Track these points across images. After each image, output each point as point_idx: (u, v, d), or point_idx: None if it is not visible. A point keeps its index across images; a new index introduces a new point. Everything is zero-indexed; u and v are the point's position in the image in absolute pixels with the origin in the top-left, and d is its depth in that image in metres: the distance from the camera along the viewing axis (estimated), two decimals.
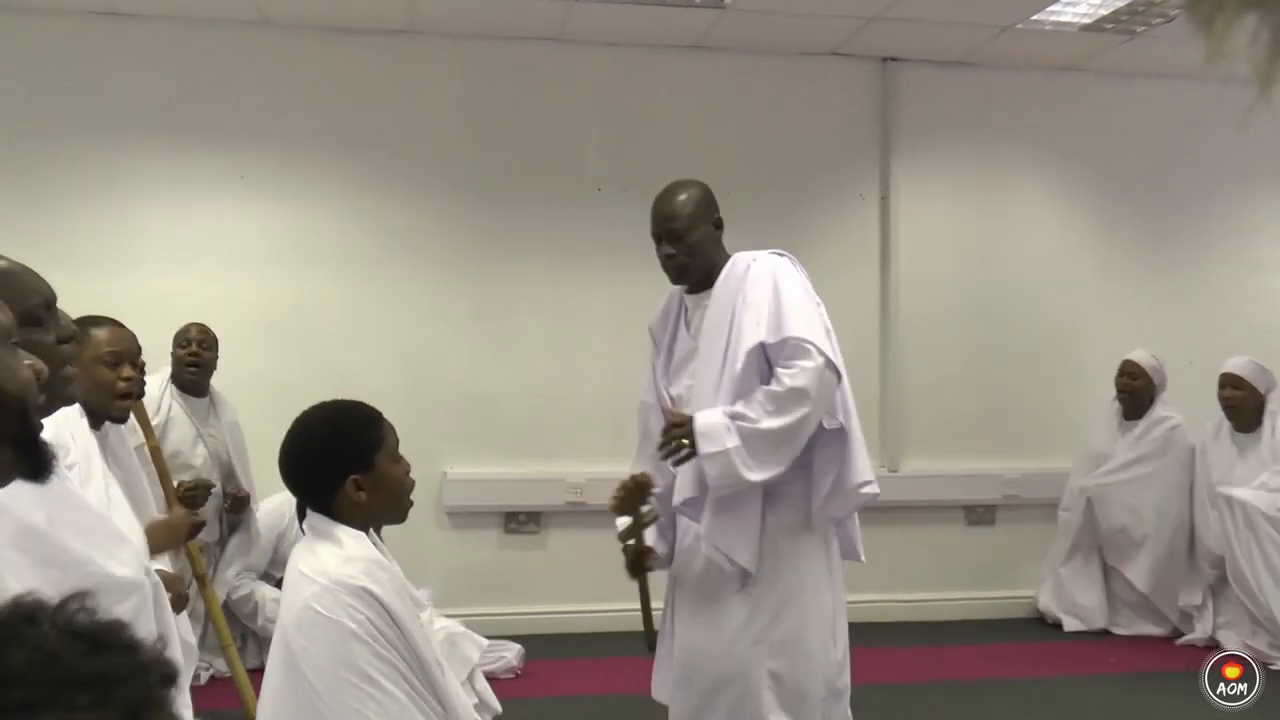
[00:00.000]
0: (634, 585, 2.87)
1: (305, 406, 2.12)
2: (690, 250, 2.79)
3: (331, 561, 1.96)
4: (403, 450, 2.17)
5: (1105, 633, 4.92)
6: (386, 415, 2.16)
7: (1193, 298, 5.54)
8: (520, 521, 4.95)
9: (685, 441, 2.63)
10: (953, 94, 5.37)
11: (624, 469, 4.79)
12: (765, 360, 2.68)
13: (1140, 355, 4.98)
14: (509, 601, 4.84)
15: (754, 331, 2.68)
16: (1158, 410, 4.93)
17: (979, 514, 5.36)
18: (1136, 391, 4.95)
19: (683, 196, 2.82)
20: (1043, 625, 5.08)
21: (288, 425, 2.10)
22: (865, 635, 3.82)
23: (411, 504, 2.17)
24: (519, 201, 4.99)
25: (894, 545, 5.15)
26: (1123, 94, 5.51)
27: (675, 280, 2.85)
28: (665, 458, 2.68)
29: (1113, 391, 5.04)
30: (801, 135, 5.23)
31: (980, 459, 5.30)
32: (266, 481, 4.01)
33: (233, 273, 4.76)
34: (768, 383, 2.65)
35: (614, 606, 4.86)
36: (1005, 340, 5.38)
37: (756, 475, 2.63)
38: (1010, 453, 5.33)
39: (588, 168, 5.04)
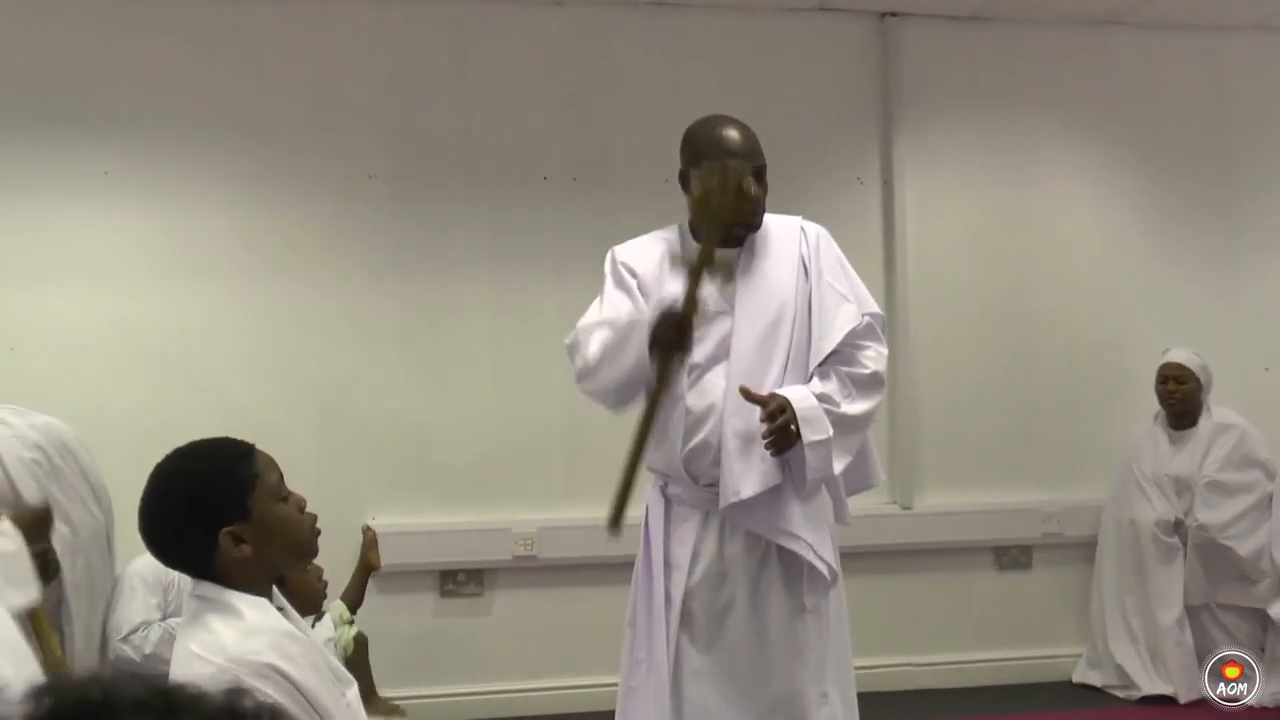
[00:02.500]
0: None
1: None
2: (764, 196, 3.02)
3: (229, 636, 1.94)
4: (316, 498, 2.17)
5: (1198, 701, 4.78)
6: (293, 457, 2.16)
7: (1264, 290, 5.63)
8: (459, 581, 4.94)
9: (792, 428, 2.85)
10: (966, 55, 5.43)
11: (583, 515, 4.85)
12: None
13: (1181, 355, 5.09)
14: (447, 679, 4.83)
15: (848, 309, 3.01)
16: (1215, 415, 5.01)
17: (1012, 556, 5.40)
18: (1188, 396, 5.05)
19: (751, 133, 3.02)
20: (1094, 691, 5.11)
21: None
22: (878, 708, 3.83)
23: (318, 534, 2.18)
24: (451, 196, 5.00)
25: (910, 597, 5.18)
26: (1172, 50, 5.61)
27: (741, 230, 2.99)
28: (776, 449, 2.85)
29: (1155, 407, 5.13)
30: (784, 108, 5.25)
31: (1011, 490, 5.35)
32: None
33: (98, 290, 4.73)
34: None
35: (575, 682, 4.87)
36: (1036, 348, 5.43)
37: (839, 465, 2.96)
38: (1047, 482, 5.38)
39: (532, 153, 5.07)
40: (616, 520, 2.82)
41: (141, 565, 3.85)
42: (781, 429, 2.83)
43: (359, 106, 4.97)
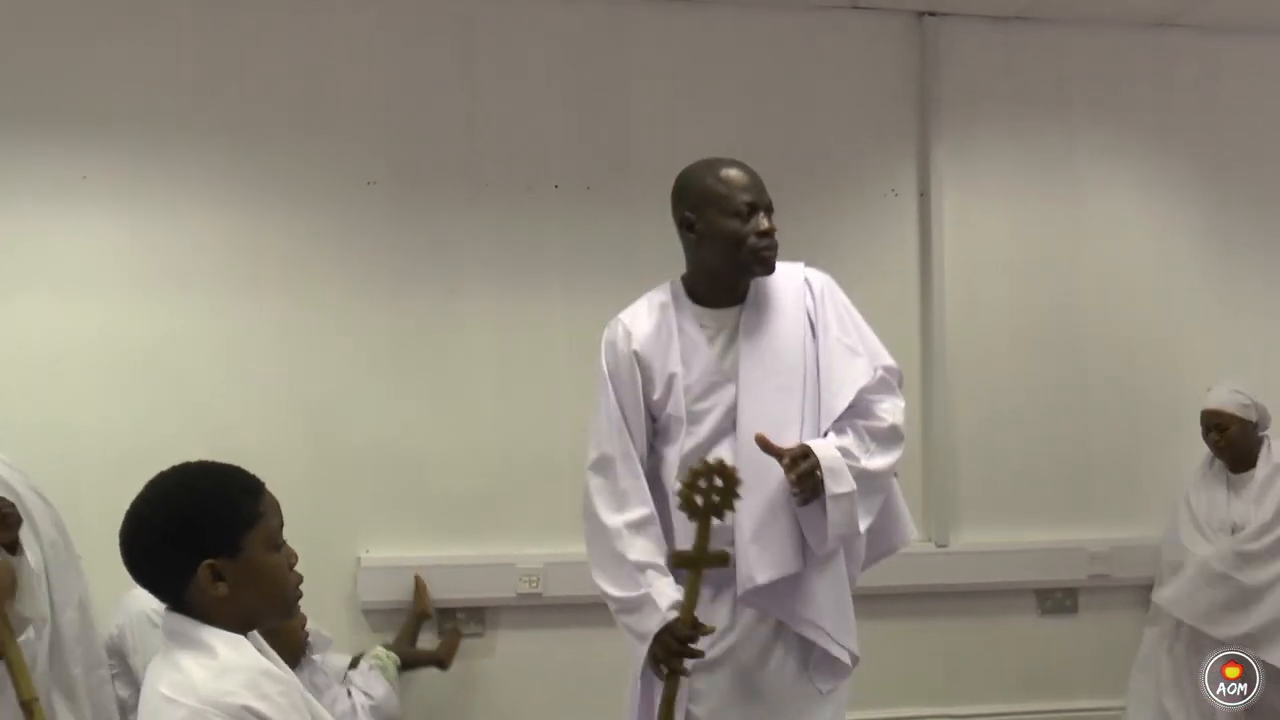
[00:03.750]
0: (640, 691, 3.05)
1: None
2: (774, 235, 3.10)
3: (200, 676, 1.94)
4: (305, 529, 2.20)
5: None
6: (281, 483, 2.18)
7: None
8: (459, 620, 4.95)
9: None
10: (1010, 59, 5.46)
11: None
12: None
13: (1221, 398, 4.98)
14: None
15: (860, 365, 3.08)
16: (1275, 454, 4.98)
17: (1057, 599, 5.40)
18: (1235, 442, 4.99)
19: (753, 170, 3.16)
20: None
21: None
22: None
23: (300, 595, 2.19)
24: (454, 204, 5.03)
25: (945, 642, 5.18)
26: (1236, 55, 5.63)
27: (759, 269, 3.08)
28: (802, 499, 2.90)
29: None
30: (814, 114, 5.29)
31: (1056, 528, 5.35)
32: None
33: (73, 301, 4.75)
34: None
35: None
36: (1083, 374, 5.44)
37: (864, 524, 3.00)
38: (1094, 519, 5.39)
39: (542, 159, 5.09)
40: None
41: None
42: (808, 474, 2.86)
43: (356, 107, 5.00)
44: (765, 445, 2.89)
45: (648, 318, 3.15)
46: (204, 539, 2.02)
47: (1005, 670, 5.29)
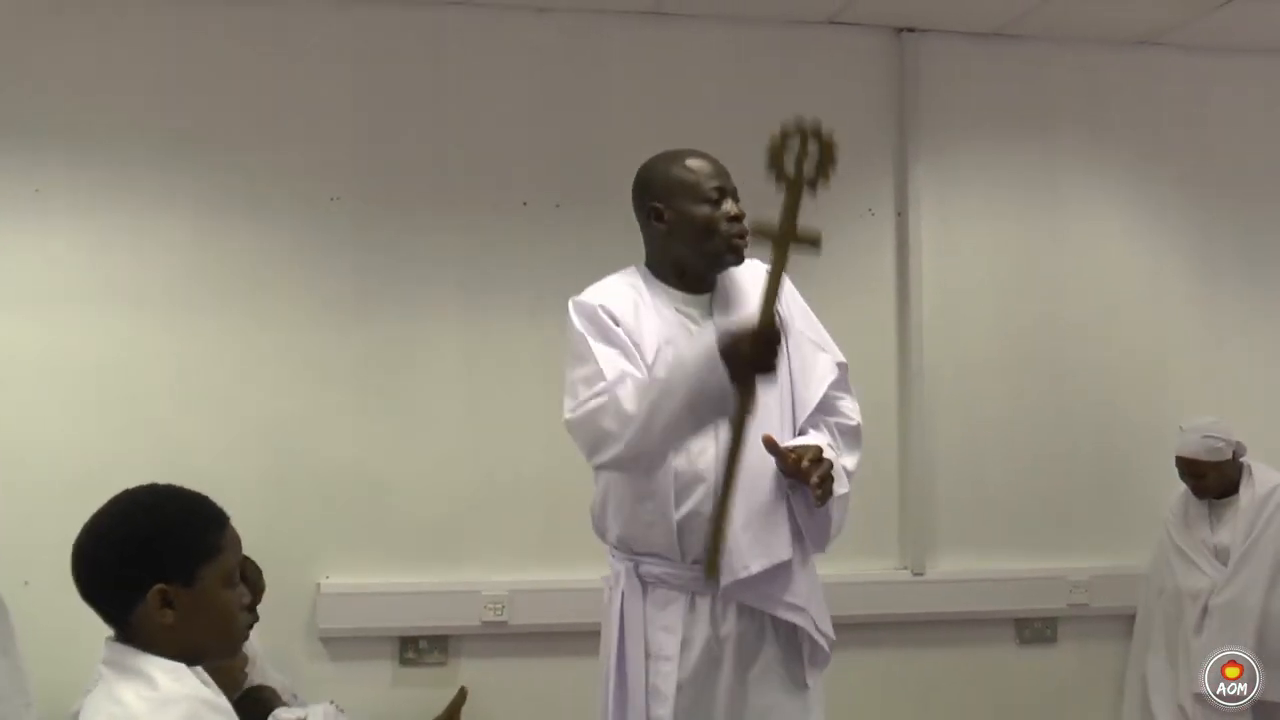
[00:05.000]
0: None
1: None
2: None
3: (140, 709, 1.94)
4: (262, 554, 2.22)
5: None
6: (238, 507, 2.19)
7: None
8: (421, 649, 4.96)
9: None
10: (991, 75, 5.50)
11: (560, 577, 4.86)
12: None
13: (1192, 447, 5.04)
14: None
15: (825, 359, 3.18)
16: (1257, 481, 5.04)
17: (1036, 629, 5.43)
18: (1212, 487, 5.06)
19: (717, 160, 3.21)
20: None
21: None
22: None
23: (246, 637, 2.20)
24: (421, 222, 5.04)
25: (921, 673, 5.20)
26: (1220, 73, 5.69)
27: (731, 257, 3.12)
28: (822, 499, 2.93)
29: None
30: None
31: (1035, 555, 5.39)
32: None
33: (25, 318, 4.75)
34: None
35: None
36: (1065, 398, 5.48)
37: (843, 522, 3.13)
38: (1076, 547, 5.43)
39: (512, 176, 5.12)
40: (714, 564, 2.89)
41: None
42: (828, 475, 2.93)
43: (321, 121, 5.01)
44: (772, 447, 2.92)
45: (619, 293, 3.16)
46: (160, 562, 2.02)
47: (982, 702, 5.31)
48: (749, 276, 3.17)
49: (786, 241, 2.77)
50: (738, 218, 3.12)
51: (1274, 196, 5.72)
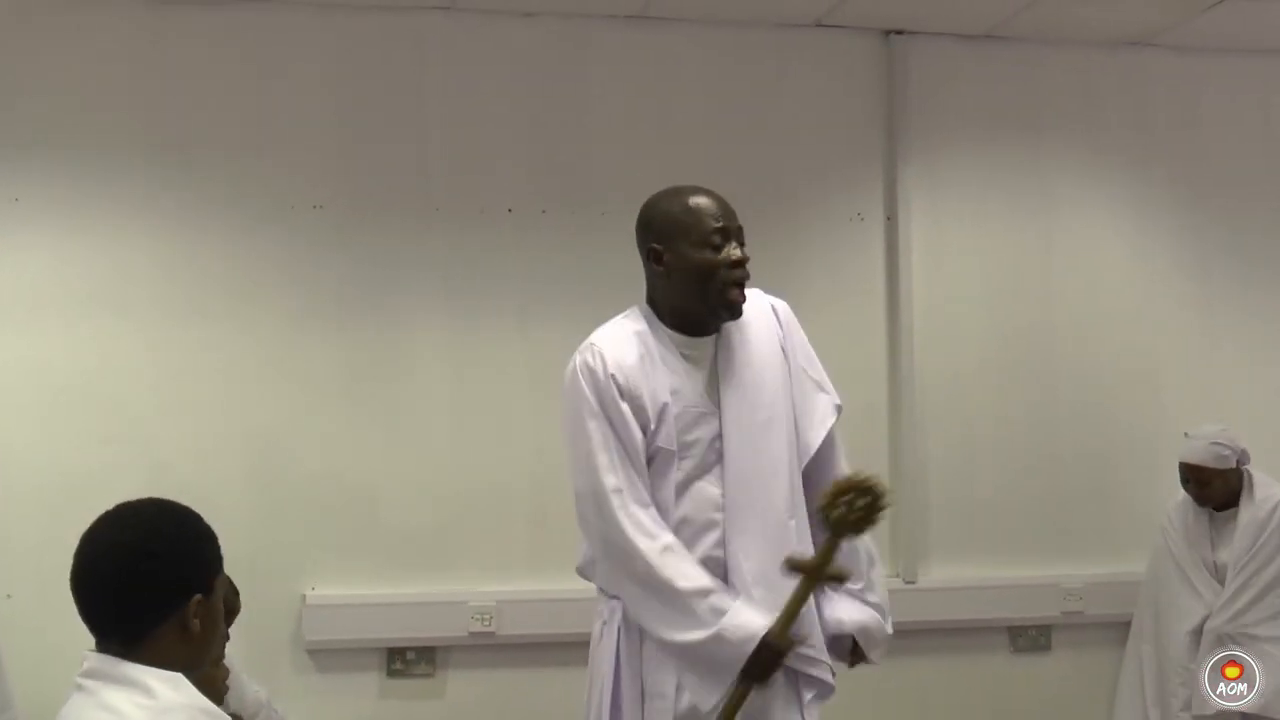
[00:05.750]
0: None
1: (108, 506, 2.14)
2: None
3: (138, 715, 1.93)
4: (247, 566, 2.26)
5: None
6: (222, 519, 2.21)
7: None
8: (408, 660, 4.96)
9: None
10: (981, 78, 5.53)
11: (548, 587, 4.87)
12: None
13: (1199, 454, 5.04)
14: None
15: (824, 401, 3.20)
16: (1258, 492, 5.05)
17: (1030, 637, 5.45)
18: (1215, 495, 5.07)
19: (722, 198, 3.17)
20: None
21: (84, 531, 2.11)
22: None
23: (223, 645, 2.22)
24: (405, 229, 5.05)
25: (914, 682, 5.20)
26: (1215, 75, 5.73)
27: (725, 313, 3.09)
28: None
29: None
30: (777, 135, 5.35)
31: (1029, 563, 5.40)
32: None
33: (6, 328, 4.75)
34: None
35: None
36: (1058, 405, 5.49)
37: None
38: (1069, 555, 5.44)
39: (496, 183, 5.12)
40: None
41: None
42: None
43: (304, 128, 5.02)
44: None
45: (627, 344, 3.11)
46: (200, 572, 2.08)
47: (976, 711, 5.32)
48: (753, 311, 3.16)
49: (817, 579, 2.97)
50: (739, 263, 3.07)
51: (1266, 198, 5.75)
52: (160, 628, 2.02)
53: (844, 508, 2.87)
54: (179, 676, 2.01)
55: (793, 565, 2.94)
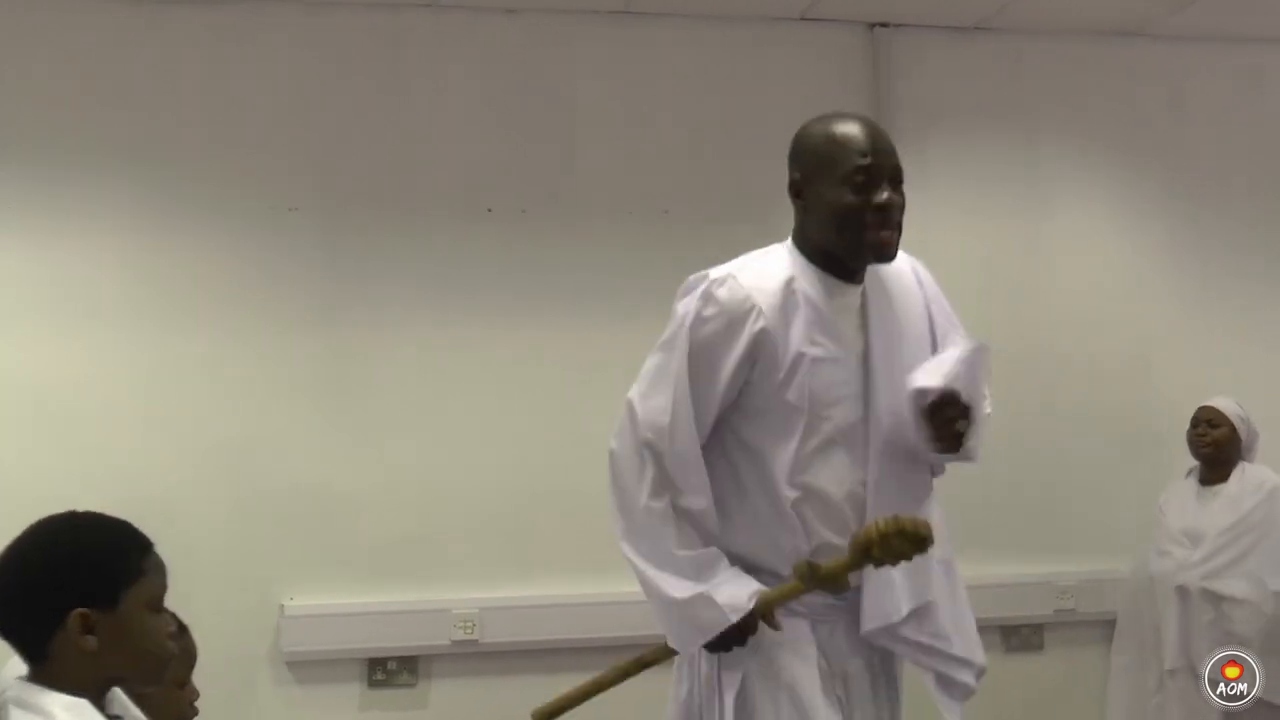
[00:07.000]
0: None
1: None
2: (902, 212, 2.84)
3: None
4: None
5: None
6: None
7: None
8: (390, 670, 4.97)
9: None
10: (969, 71, 5.57)
11: (532, 593, 4.88)
12: None
13: (1220, 401, 5.19)
14: None
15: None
16: (1251, 473, 5.13)
17: (1022, 636, 5.49)
18: (1220, 444, 5.15)
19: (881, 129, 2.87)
20: None
21: None
22: None
23: (178, 664, 2.24)
24: (382, 231, 5.06)
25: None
26: (1207, 66, 5.78)
27: (879, 248, 2.79)
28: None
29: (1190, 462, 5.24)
30: (762, 129, 5.31)
31: (1020, 561, 5.43)
32: None
33: None
34: None
35: None
36: (1050, 401, 5.51)
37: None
38: (1061, 552, 5.48)
39: (475, 182, 5.14)
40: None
41: None
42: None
43: (278, 128, 5.03)
44: (923, 396, 2.76)
45: (772, 283, 2.79)
46: (81, 586, 2.04)
47: (969, 710, 5.26)
48: (900, 268, 2.94)
49: (817, 586, 2.73)
50: (884, 207, 2.75)
51: (1256, 187, 5.80)
52: (51, 645, 2.04)
53: (880, 544, 2.62)
54: (83, 703, 2.01)
55: (800, 572, 2.72)
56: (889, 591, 2.80)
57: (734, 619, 2.70)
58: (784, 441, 2.77)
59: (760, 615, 2.72)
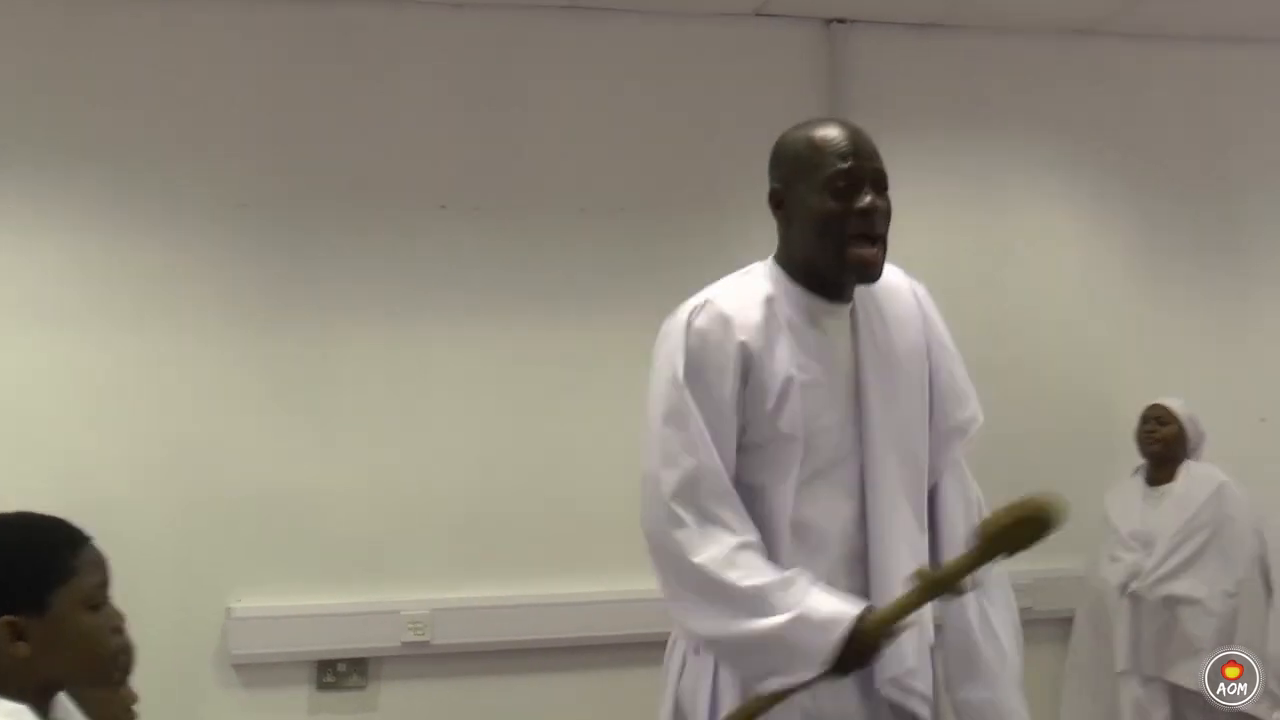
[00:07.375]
0: None
1: None
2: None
3: None
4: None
5: None
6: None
7: (1269, 334, 5.81)
8: (339, 673, 4.95)
9: None
10: (927, 68, 5.59)
11: (483, 594, 4.88)
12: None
13: (1170, 400, 5.27)
14: None
15: (964, 413, 2.91)
16: (1197, 470, 5.20)
17: None
18: (1168, 441, 5.22)
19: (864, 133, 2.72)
20: None
21: None
22: None
23: (127, 662, 2.20)
24: (335, 228, 5.05)
25: None
26: (1163, 64, 5.82)
27: (861, 268, 2.65)
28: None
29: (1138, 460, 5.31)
30: (717, 127, 5.37)
31: None
32: None
33: None
34: None
35: None
36: (1008, 400, 5.47)
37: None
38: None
39: (428, 178, 5.13)
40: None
41: None
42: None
43: (227, 123, 5.00)
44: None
45: (751, 303, 2.66)
46: (5, 592, 2.00)
47: None
48: (896, 286, 2.83)
49: (940, 591, 2.52)
50: (867, 212, 2.64)
51: (1216, 183, 5.84)
52: None
53: (1006, 529, 2.54)
54: (21, 709, 1.95)
55: (921, 574, 2.50)
56: (895, 645, 2.55)
57: (841, 631, 2.42)
58: (784, 475, 2.61)
59: (879, 634, 2.46)
